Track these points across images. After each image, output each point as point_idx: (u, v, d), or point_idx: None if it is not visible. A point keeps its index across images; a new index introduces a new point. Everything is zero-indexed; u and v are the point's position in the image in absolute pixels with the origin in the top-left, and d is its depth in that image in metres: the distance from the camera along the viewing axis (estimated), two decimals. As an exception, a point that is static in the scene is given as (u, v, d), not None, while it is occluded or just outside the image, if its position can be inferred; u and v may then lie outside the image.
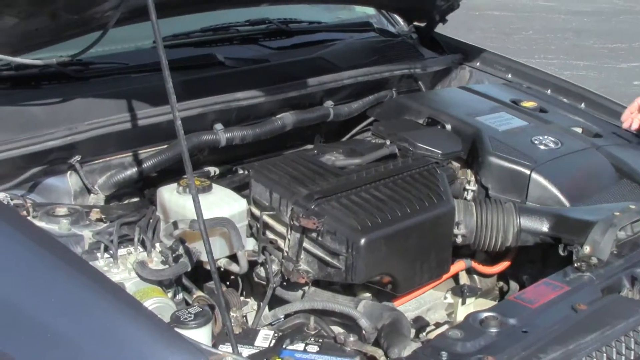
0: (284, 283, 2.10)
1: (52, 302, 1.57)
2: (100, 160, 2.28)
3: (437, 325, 2.24)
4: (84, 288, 1.58)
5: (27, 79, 2.34)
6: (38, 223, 1.93)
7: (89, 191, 2.23)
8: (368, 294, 2.11)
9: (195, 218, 1.86)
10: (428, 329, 2.20)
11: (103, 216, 2.05)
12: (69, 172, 2.21)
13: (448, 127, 2.59)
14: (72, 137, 2.14)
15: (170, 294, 1.90)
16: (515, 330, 1.71)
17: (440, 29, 3.32)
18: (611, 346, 1.71)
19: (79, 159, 2.19)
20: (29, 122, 2.13)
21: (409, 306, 2.23)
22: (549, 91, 3.05)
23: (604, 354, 1.69)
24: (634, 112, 2.69)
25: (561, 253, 2.12)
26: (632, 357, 1.73)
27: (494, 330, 1.69)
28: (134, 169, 2.27)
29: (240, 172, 2.27)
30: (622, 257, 2.05)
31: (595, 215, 2.14)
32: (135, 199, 2.32)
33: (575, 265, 2.00)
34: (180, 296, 1.95)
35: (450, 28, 3.31)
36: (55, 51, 2.29)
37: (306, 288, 2.10)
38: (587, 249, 2.05)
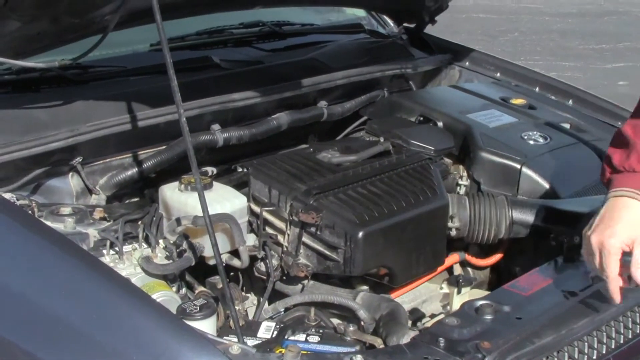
0: (284, 277, 2.14)
1: (63, 295, 1.62)
2: (101, 162, 2.32)
3: (433, 316, 2.29)
4: (94, 282, 1.63)
5: (28, 82, 2.38)
6: (44, 222, 1.98)
7: (91, 192, 2.28)
8: (366, 287, 2.16)
9: (197, 214, 1.93)
10: (424, 320, 2.25)
11: (106, 215, 2.10)
12: (70, 173, 2.26)
13: (440, 124, 2.65)
14: (74, 138, 2.18)
15: (174, 289, 1.95)
16: (509, 317, 1.76)
17: (428, 30, 3.39)
18: (602, 330, 1.77)
19: (80, 160, 2.24)
20: (31, 124, 2.17)
21: (405, 298, 2.28)
22: (537, 89, 3.11)
23: (595, 338, 1.75)
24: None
25: (552, 243, 2.18)
26: (621, 341, 1.79)
27: (489, 317, 1.74)
28: (134, 170, 2.31)
29: (239, 170, 2.32)
30: (612, 246, 2.11)
31: (584, 207, 2.20)
32: (136, 199, 2.37)
33: (566, 255, 2.06)
34: (183, 291, 2.00)
35: (437, 31, 3.37)
36: (53, 55, 2.34)
37: (305, 282, 2.15)
38: (577, 239, 2.10)
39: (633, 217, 1.74)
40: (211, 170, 2.44)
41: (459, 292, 2.20)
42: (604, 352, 1.76)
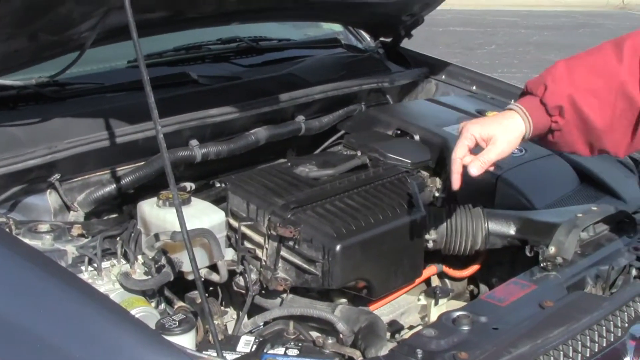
0: (263, 291, 2.16)
1: (41, 312, 1.62)
2: (79, 178, 2.32)
3: (411, 328, 2.31)
4: (72, 298, 1.63)
5: (5, 100, 2.37)
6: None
7: (69, 209, 2.27)
8: (344, 300, 2.18)
9: (176, 230, 1.94)
10: (402, 332, 2.27)
11: (84, 231, 2.10)
12: (48, 190, 2.25)
13: (417, 137, 2.67)
14: (52, 155, 2.18)
15: (153, 304, 1.95)
16: (486, 327, 1.78)
17: (405, 43, 3.42)
18: (577, 339, 1.78)
19: (58, 177, 2.23)
20: (8, 142, 2.16)
21: (383, 310, 2.30)
22: (512, 101, 3.13)
23: (570, 347, 1.76)
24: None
25: (528, 254, 2.20)
26: (596, 349, 1.81)
27: (466, 328, 1.76)
28: (113, 186, 2.31)
29: (217, 185, 2.33)
30: (586, 256, 2.14)
31: (559, 217, 2.23)
32: (114, 216, 2.37)
33: (542, 265, 2.09)
34: (162, 306, 2.01)
35: (415, 44, 3.40)
36: (30, 73, 2.34)
37: (284, 295, 2.16)
38: (552, 249, 2.14)
39: (504, 122, 1.89)
40: (189, 185, 2.45)
41: (436, 303, 2.21)
42: (579, 360, 1.78)
